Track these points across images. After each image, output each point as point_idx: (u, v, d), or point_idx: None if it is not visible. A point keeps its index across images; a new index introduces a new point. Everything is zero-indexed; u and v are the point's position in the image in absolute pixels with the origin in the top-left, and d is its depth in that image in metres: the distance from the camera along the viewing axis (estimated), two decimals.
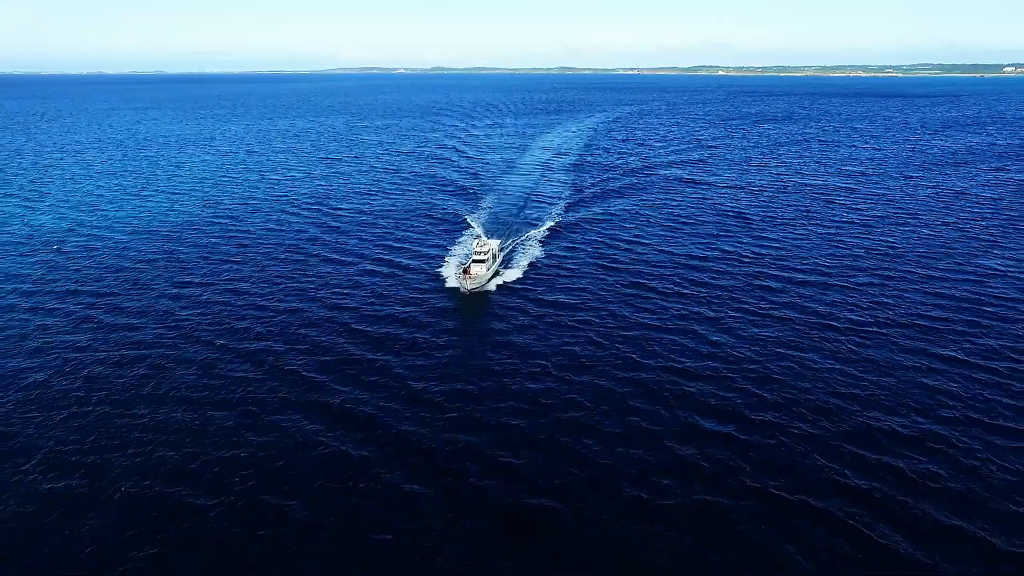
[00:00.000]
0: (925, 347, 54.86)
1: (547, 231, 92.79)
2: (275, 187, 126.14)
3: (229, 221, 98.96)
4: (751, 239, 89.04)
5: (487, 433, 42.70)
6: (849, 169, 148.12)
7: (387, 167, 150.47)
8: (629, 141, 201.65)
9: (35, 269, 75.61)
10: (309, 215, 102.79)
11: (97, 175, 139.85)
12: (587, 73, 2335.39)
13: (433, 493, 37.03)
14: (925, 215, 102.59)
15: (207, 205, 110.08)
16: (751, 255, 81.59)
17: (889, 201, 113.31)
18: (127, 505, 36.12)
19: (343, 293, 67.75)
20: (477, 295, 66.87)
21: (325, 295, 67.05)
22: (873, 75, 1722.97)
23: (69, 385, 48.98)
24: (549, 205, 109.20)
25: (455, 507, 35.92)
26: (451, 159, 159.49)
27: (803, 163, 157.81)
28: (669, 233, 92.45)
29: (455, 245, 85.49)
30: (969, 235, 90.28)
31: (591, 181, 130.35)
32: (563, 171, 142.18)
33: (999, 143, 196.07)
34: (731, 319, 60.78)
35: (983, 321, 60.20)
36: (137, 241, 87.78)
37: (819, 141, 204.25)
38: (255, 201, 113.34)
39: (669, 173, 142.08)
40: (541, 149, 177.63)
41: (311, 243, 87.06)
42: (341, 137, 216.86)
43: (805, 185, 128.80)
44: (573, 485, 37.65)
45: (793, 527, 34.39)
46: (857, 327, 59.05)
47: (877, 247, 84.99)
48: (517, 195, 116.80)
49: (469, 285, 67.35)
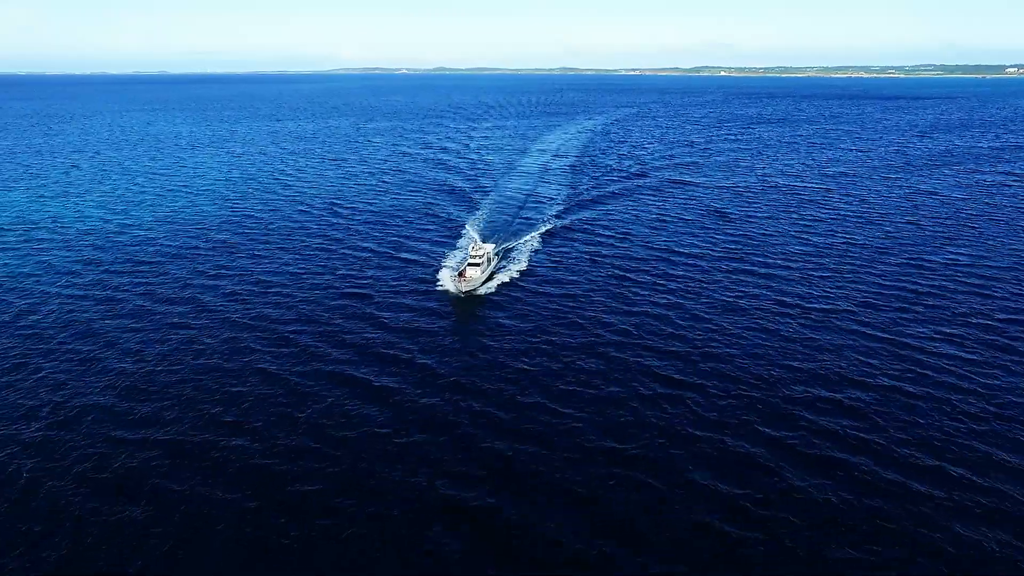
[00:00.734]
0: (860, 328, 63.11)
1: (541, 235, 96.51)
2: (288, 189, 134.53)
3: (248, 220, 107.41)
4: (726, 235, 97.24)
5: (474, 415, 50.94)
6: (830, 170, 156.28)
7: (391, 169, 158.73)
8: (625, 144, 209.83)
9: (83, 255, 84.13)
10: (319, 214, 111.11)
11: (122, 174, 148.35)
12: (588, 73, 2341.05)
13: (426, 443, 45.40)
14: (892, 214, 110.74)
15: (227, 204, 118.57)
16: (724, 249, 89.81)
17: (861, 201, 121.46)
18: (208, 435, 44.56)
19: (348, 292, 74.59)
20: (472, 297, 70.56)
21: (328, 293, 73.20)
22: (875, 76, 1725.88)
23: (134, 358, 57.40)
24: (544, 209, 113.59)
25: (441, 458, 44.27)
26: (452, 163, 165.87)
27: (788, 165, 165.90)
28: (654, 231, 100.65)
29: (452, 248, 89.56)
30: (926, 233, 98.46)
31: (586, 185, 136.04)
32: (559, 174, 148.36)
33: (979, 146, 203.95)
34: (701, 305, 69.05)
35: (916, 307, 68.39)
36: (168, 235, 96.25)
37: (808, 143, 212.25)
38: (270, 201, 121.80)
39: (661, 175, 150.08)
40: (539, 152, 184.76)
41: (320, 239, 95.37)
42: (349, 139, 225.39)
43: (786, 185, 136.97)
44: (553, 432, 45.94)
45: (730, 464, 42.61)
46: (807, 311, 67.30)
47: (839, 243, 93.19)
48: (513, 199, 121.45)
49: (464, 287, 70.63)
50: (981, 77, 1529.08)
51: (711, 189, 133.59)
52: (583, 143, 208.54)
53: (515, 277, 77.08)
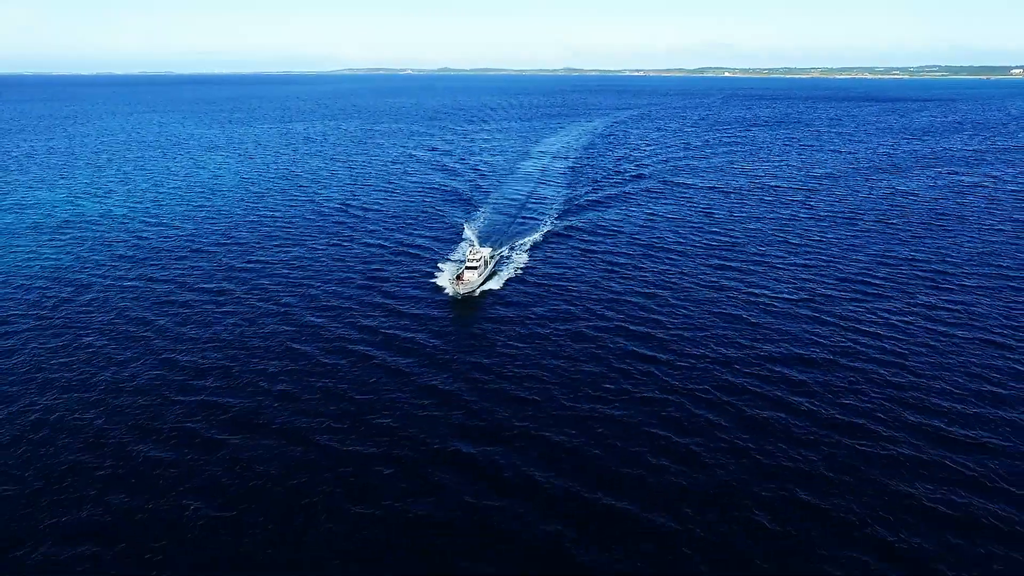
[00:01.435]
0: (817, 315, 70.93)
1: (537, 238, 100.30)
2: (301, 189, 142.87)
3: (268, 218, 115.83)
4: (710, 234, 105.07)
5: (471, 405, 58.96)
6: (816, 172, 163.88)
7: (397, 171, 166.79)
8: (623, 146, 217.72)
9: (118, 250, 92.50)
10: (330, 214, 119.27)
11: (146, 175, 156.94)
12: (592, 74, 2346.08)
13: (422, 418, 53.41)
14: (867, 213, 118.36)
15: (248, 203, 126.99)
16: (705, 246, 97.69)
17: (840, 201, 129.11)
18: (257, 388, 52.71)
19: (354, 290, 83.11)
20: (469, 299, 73.98)
21: (334, 291, 79.70)
22: (879, 77, 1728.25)
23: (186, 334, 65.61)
24: (540, 213, 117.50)
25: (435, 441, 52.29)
26: (453, 166, 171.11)
27: (777, 166, 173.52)
28: (644, 229, 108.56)
29: (452, 250, 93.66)
30: (896, 230, 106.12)
31: (582, 188, 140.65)
32: (557, 178, 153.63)
33: (965, 148, 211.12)
34: (681, 295, 76.97)
35: (870, 296, 76.15)
36: (195, 232, 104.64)
37: (800, 145, 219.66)
38: (286, 201, 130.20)
39: (655, 177, 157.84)
40: (538, 155, 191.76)
41: (330, 237, 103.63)
42: (357, 140, 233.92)
43: (772, 186, 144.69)
44: (547, 386, 53.88)
45: (687, 420, 50.47)
46: (773, 299, 75.12)
47: (813, 240, 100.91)
48: (512, 203, 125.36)
49: (461, 290, 73.60)
50: (986, 78, 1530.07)
51: (701, 190, 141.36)
52: (582, 145, 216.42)
53: (511, 279, 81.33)
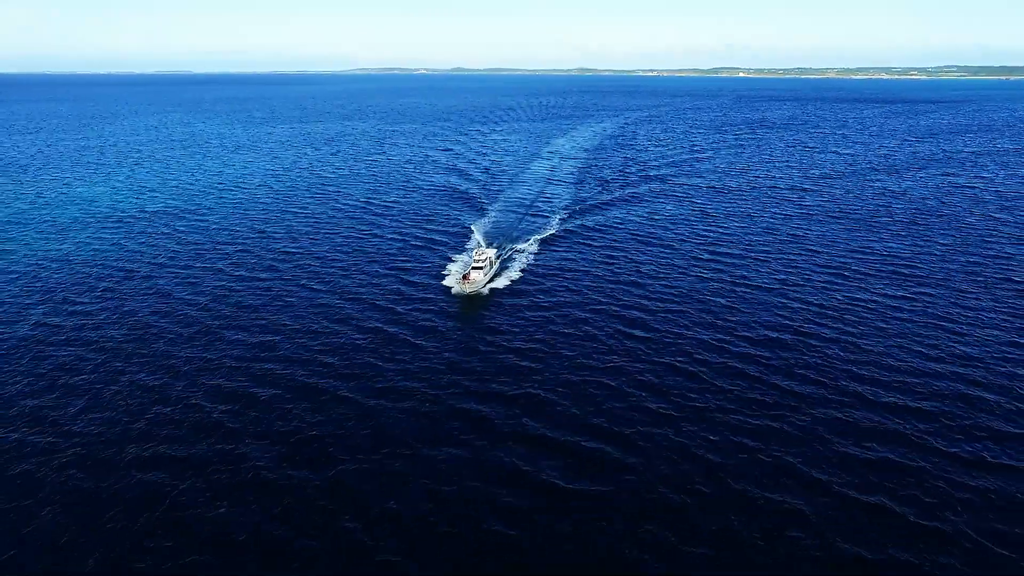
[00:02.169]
0: (786, 299, 78.72)
1: (542, 240, 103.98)
2: (324, 188, 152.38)
3: (295, 215, 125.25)
4: (704, 230, 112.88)
5: (476, 398, 67.40)
6: (814, 173, 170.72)
7: (412, 171, 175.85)
8: (631, 148, 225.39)
9: (162, 242, 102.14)
10: (351, 211, 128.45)
11: (181, 172, 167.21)
12: (606, 75, 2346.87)
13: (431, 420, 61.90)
14: (855, 212, 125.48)
15: (278, 199, 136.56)
16: (699, 241, 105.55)
17: (831, 200, 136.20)
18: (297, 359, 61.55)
19: (363, 291, 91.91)
20: (475, 297, 77.74)
21: (346, 289, 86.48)
22: (897, 77, 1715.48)
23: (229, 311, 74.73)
24: (546, 214, 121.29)
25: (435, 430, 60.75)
26: (465, 168, 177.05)
27: (776, 167, 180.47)
28: (643, 227, 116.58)
29: (461, 249, 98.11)
30: (878, 227, 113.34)
31: (589, 191, 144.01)
32: (564, 180, 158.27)
33: (964, 150, 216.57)
34: (671, 283, 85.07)
35: (840, 284, 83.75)
36: (225, 225, 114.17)
37: (803, 147, 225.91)
38: (311, 198, 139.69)
39: (659, 178, 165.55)
40: (548, 156, 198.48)
41: (350, 235, 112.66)
42: (375, 140, 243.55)
43: (769, 187, 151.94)
44: (544, 355, 62.21)
45: (668, 373, 58.56)
46: (753, 287, 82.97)
47: (800, 235, 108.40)
48: (519, 204, 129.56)
49: (467, 289, 77.09)
50: (1006, 79, 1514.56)
51: (701, 190, 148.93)
52: (590, 147, 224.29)
53: (515, 278, 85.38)
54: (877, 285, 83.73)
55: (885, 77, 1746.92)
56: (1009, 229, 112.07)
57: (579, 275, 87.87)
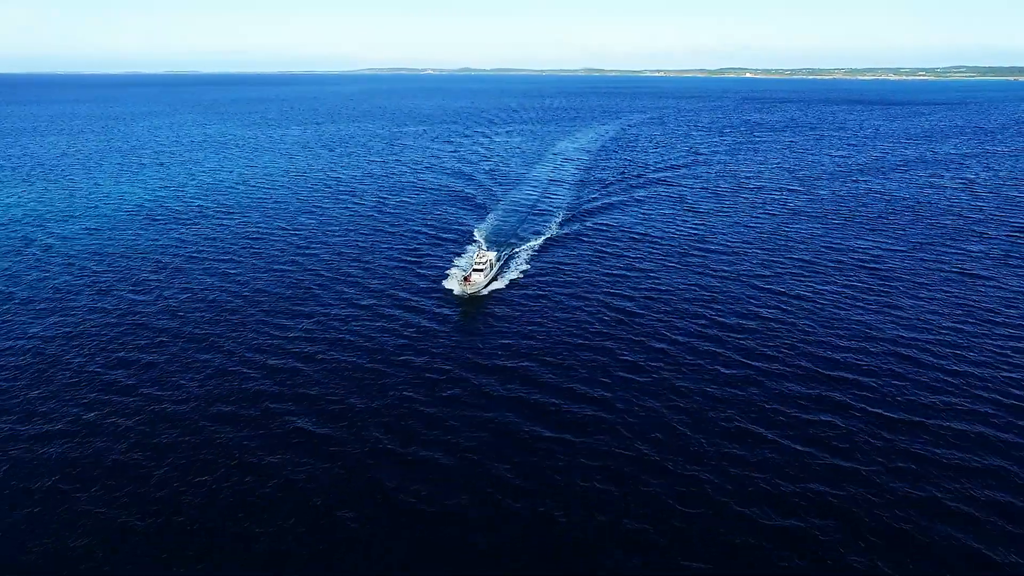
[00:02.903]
0: (757, 284, 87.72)
1: (540, 243, 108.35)
2: (341, 188, 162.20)
3: (315, 212, 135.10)
4: (692, 227, 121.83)
5: (475, 393, 76.62)
6: (803, 173, 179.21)
7: (420, 171, 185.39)
8: (631, 150, 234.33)
9: (200, 233, 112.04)
10: (366, 211, 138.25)
11: (206, 171, 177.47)
12: (613, 75, 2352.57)
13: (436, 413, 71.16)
14: (835, 211, 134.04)
15: (300, 197, 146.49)
16: (686, 236, 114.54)
17: (814, 200, 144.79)
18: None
19: (373, 284, 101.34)
20: (475, 298, 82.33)
21: (352, 287, 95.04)
22: (904, 78, 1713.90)
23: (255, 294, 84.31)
24: (546, 218, 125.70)
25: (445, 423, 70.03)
26: (468, 171, 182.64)
27: (768, 168, 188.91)
28: (637, 224, 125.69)
29: (462, 252, 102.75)
30: (854, 225, 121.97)
31: (588, 194, 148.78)
32: (564, 183, 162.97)
33: (954, 152, 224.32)
34: (655, 275, 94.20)
35: (808, 273, 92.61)
36: (254, 220, 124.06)
37: (797, 149, 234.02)
38: (328, 198, 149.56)
39: (656, 180, 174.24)
40: (550, 159, 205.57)
41: (359, 234, 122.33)
42: (386, 142, 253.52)
43: (758, 187, 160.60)
44: (539, 341, 71.43)
45: (645, 345, 67.62)
46: (729, 274, 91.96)
47: (780, 231, 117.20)
48: (519, 208, 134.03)
49: (468, 290, 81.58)
50: (1014, 80, 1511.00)
51: (695, 190, 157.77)
52: (592, 150, 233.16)
53: (514, 279, 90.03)
54: (839, 275, 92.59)
55: (893, 78, 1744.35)
56: (973, 226, 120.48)
57: (574, 275, 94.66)
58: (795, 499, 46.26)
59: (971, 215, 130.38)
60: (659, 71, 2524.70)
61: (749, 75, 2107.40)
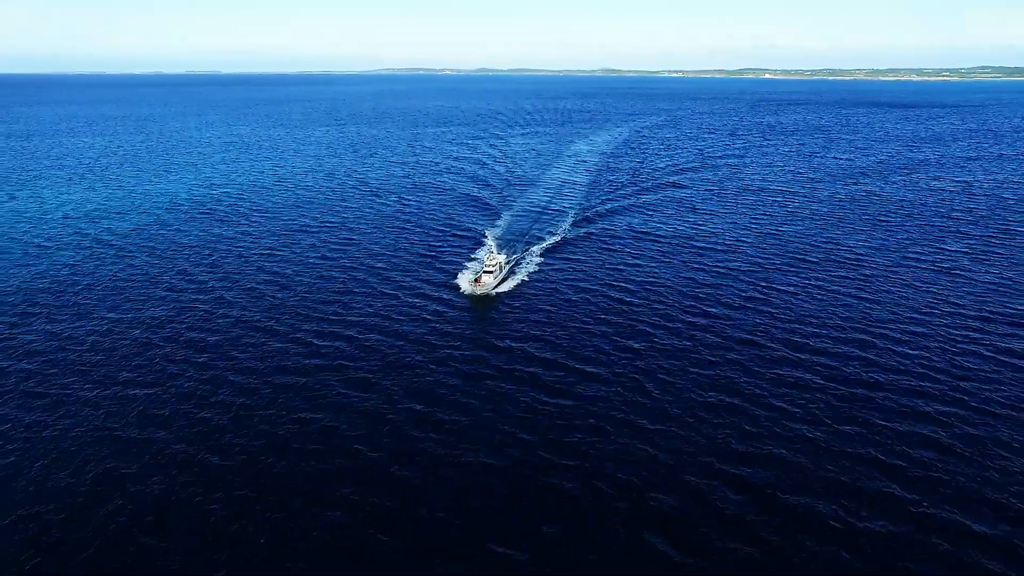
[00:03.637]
0: (742, 276, 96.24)
1: (549, 246, 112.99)
2: (365, 188, 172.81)
3: (343, 210, 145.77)
4: (694, 226, 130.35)
5: (487, 384, 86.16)
6: (805, 176, 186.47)
7: (436, 177, 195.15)
8: (643, 154, 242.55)
9: (239, 228, 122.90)
10: (389, 209, 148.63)
11: (238, 171, 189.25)
12: (630, 75, 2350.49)
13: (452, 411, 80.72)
14: (830, 211, 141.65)
15: (328, 198, 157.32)
16: (687, 235, 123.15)
17: (814, 201, 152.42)
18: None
19: (387, 290, 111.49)
20: (485, 298, 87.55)
21: (368, 285, 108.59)
22: (928, 79, 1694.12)
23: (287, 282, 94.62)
24: (555, 222, 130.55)
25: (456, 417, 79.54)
26: (481, 174, 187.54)
27: (772, 171, 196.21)
28: (640, 222, 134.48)
29: (475, 252, 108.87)
30: (844, 225, 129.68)
31: (597, 198, 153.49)
32: (575, 187, 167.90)
33: (958, 156, 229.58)
34: (656, 265, 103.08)
35: (789, 267, 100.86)
36: (290, 216, 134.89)
37: (805, 153, 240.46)
38: (353, 197, 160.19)
39: (665, 183, 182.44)
40: (561, 163, 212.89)
41: (381, 240, 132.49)
42: (407, 144, 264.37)
43: (761, 188, 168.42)
44: (544, 336, 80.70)
45: (632, 327, 76.59)
46: (719, 268, 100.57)
47: (775, 230, 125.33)
48: (529, 212, 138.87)
49: (478, 291, 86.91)
50: None
51: (700, 191, 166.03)
52: (605, 152, 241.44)
53: (523, 281, 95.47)
54: (823, 270, 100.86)
55: (916, 79, 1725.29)
56: (961, 226, 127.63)
57: (580, 276, 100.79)
58: (752, 452, 55.16)
59: (960, 216, 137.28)
60: (677, 71, 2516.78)
61: (768, 76, 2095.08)
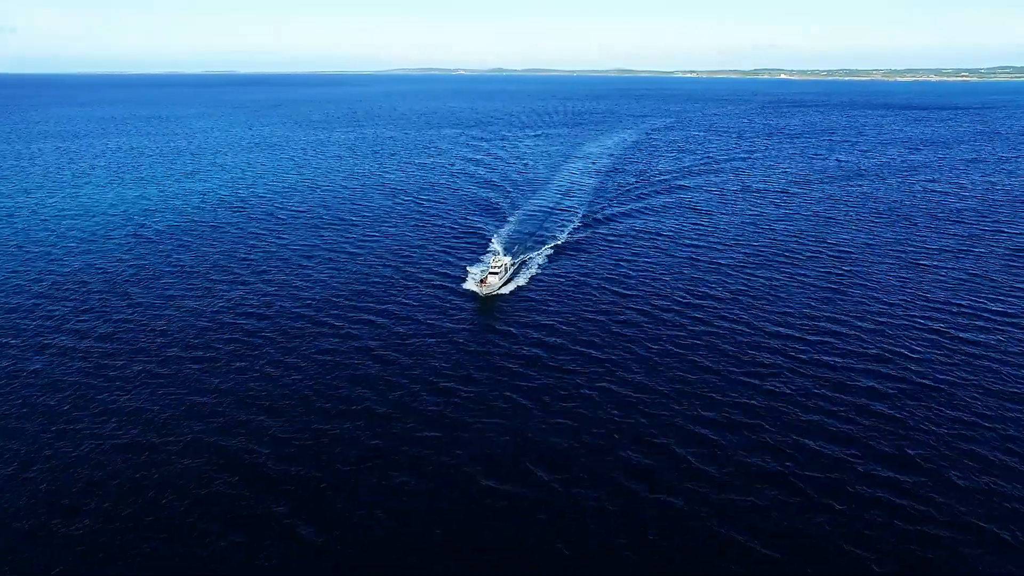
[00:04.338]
0: (729, 270, 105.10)
1: (553, 248, 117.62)
2: (383, 187, 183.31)
3: (366, 207, 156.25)
4: (692, 224, 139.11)
5: (489, 385, 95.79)
6: (802, 178, 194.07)
7: (448, 179, 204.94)
8: (652, 156, 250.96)
9: (269, 224, 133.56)
10: (405, 210, 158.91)
11: (263, 170, 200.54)
12: (644, 76, 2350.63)
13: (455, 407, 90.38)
14: (821, 211, 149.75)
15: (349, 198, 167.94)
16: (687, 233, 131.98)
17: (810, 201, 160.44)
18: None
19: (396, 289, 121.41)
20: (491, 298, 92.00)
21: (380, 283, 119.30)
22: (946, 79, 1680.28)
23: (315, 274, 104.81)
24: (560, 225, 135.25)
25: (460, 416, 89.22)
26: (491, 178, 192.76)
27: (772, 173, 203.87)
28: (644, 221, 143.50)
29: (481, 253, 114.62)
30: (832, 224, 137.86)
31: (602, 202, 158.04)
32: (581, 189, 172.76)
33: (960, 159, 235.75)
34: (656, 260, 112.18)
35: (775, 261, 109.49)
36: (319, 213, 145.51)
37: (807, 156, 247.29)
38: (372, 198, 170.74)
39: (672, 188, 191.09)
40: (569, 165, 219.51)
41: (397, 233, 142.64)
42: (422, 146, 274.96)
43: (759, 189, 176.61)
44: (547, 329, 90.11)
45: (625, 317, 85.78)
46: (712, 262, 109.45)
47: (765, 227, 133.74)
48: (535, 214, 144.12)
49: (484, 292, 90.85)
50: None
51: (701, 191, 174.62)
52: (613, 155, 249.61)
53: (527, 281, 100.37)
54: (806, 265, 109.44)
55: (934, 79, 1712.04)
56: (947, 225, 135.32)
57: (582, 277, 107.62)
58: (724, 407, 64.39)
59: (945, 215, 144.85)
60: (691, 72, 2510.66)
61: (784, 76, 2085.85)
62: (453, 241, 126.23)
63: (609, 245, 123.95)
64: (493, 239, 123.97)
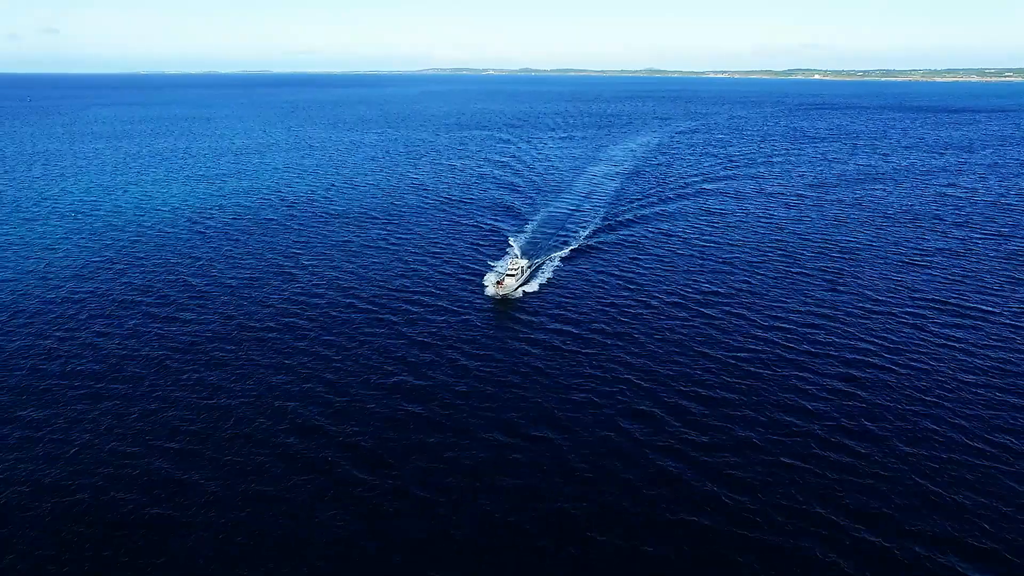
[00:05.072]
0: (732, 267, 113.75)
1: (569, 252, 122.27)
2: (416, 186, 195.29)
3: (398, 205, 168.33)
4: (710, 225, 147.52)
5: (505, 380, 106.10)
6: (822, 182, 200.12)
7: (479, 178, 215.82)
8: (675, 160, 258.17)
9: (305, 221, 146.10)
10: (432, 213, 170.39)
11: (306, 168, 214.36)
12: (675, 76, 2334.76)
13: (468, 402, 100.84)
14: (834, 213, 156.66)
15: (383, 199, 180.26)
16: (701, 233, 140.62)
17: (820, 204, 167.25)
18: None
19: (416, 288, 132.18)
20: (508, 299, 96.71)
21: (402, 280, 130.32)
22: (989, 80, 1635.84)
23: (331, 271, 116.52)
24: (577, 229, 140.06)
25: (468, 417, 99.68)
26: (513, 181, 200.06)
27: (790, 177, 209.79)
28: (660, 223, 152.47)
29: (499, 257, 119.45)
30: (833, 225, 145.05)
31: (619, 207, 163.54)
32: (600, 193, 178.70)
33: (979, 162, 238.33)
34: (670, 257, 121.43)
35: (773, 258, 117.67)
36: (356, 208, 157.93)
37: (828, 159, 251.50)
38: (403, 197, 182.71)
39: (688, 191, 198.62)
40: (594, 169, 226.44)
41: (421, 234, 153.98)
42: (452, 148, 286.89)
43: (775, 192, 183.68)
44: (558, 328, 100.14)
45: (629, 312, 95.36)
46: (718, 258, 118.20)
47: (775, 228, 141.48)
48: (553, 218, 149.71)
49: (501, 293, 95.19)
50: None
51: (718, 195, 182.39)
52: (636, 158, 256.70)
53: (543, 284, 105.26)
54: (810, 262, 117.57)
55: (976, 79, 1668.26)
56: (950, 228, 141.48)
57: (595, 280, 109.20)
58: (714, 385, 73.94)
59: (951, 218, 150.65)
60: (723, 72, 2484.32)
61: (818, 76, 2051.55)
62: (476, 241, 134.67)
63: (625, 249, 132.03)
64: (512, 241, 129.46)
